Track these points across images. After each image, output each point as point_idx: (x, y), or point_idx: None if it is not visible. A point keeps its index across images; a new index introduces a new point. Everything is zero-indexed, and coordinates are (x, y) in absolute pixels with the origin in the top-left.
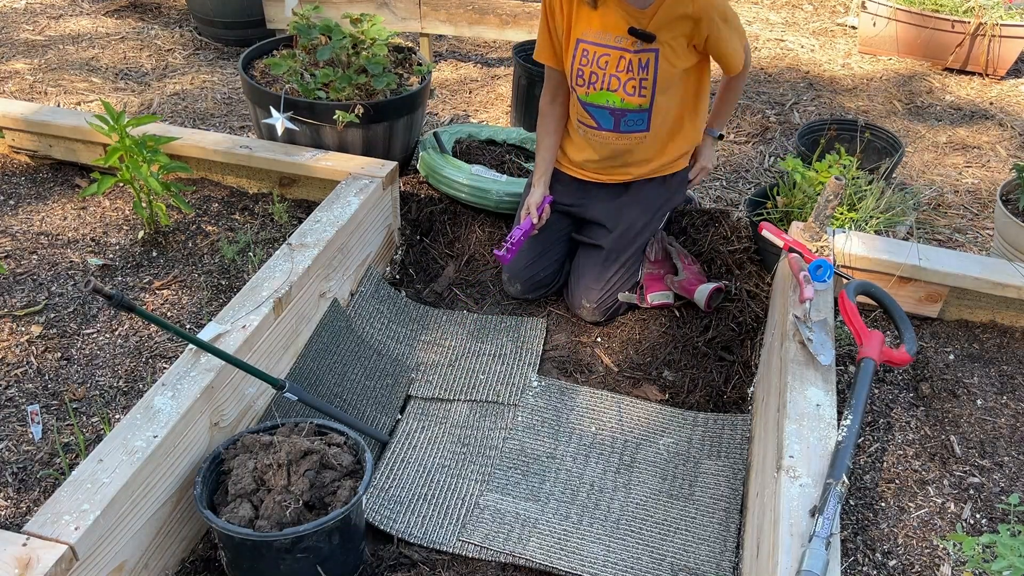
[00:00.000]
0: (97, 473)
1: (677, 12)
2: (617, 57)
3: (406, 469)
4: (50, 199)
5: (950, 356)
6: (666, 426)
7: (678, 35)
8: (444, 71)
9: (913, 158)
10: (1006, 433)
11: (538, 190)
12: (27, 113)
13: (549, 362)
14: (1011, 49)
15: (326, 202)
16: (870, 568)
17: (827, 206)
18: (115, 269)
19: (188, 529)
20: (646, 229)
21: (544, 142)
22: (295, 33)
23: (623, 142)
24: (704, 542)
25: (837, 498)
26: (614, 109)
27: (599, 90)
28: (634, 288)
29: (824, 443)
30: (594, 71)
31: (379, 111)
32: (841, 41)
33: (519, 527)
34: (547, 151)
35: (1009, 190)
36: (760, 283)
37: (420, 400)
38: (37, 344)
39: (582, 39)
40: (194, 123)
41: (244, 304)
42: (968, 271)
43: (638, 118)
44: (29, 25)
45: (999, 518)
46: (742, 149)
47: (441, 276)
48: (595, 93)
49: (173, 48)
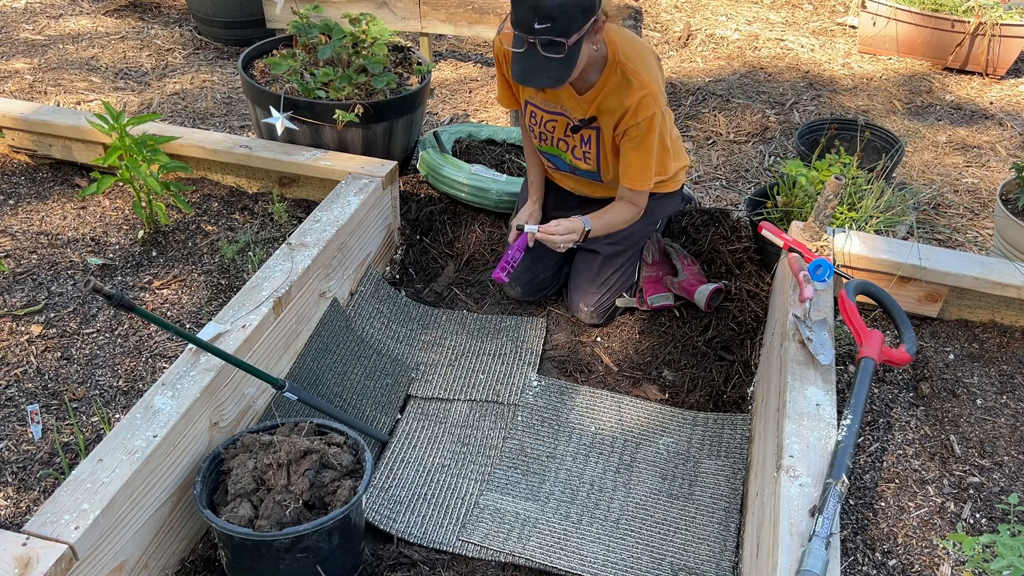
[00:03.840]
0: (97, 473)
1: (616, 99)
2: (564, 124)
3: (406, 469)
4: (50, 199)
5: (950, 356)
6: (666, 426)
7: (610, 122)
8: (444, 71)
9: (913, 158)
10: (1006, 433)
11: (528, 207)
12: (27, 112)
13: (549, 362)
14: (1011, 49)
15: (326, 202)
16: (870, 568)
17: (827, 206)
18: (115, 269)
19: (188, 529)
20: (641, 233)
21: (532, 160)
22: (295, 32)
23: (583, 183)
24: (704, 542)
25: (837, 498)
26: (567, 162)
27: (551, 146)
28: (632, 290)
29: (824, 443)
30: (543, 132)
31: (379, 111)
32: (841, 41)
33: (519, 527)
34: (536, 167)
35: (1009, 190)
36: (760, 283)
37: (420, 400)
38: (37, 344)
39: (530, 101)
40: (194, 123)
41: (244, 304)
42: (968, 271)
43: (589, 174)
44: (29, 25)
45: (999, 518)
46: (742, 149)
47: (441, 276)
48: (548, 147)
49: (173, 48)
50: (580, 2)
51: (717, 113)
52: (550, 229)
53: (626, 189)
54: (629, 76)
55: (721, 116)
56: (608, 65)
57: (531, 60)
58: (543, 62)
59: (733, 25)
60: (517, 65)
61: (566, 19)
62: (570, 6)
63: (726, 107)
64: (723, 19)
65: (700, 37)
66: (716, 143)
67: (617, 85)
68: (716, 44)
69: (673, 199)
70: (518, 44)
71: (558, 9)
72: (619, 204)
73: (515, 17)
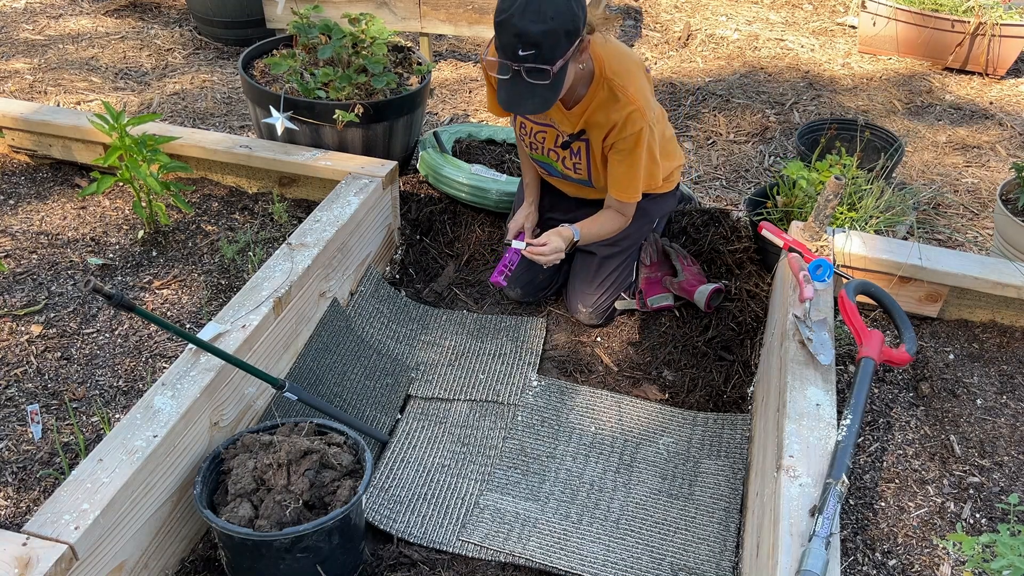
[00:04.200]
0: (97, 473)
1: (603, 115)
2: (554, 136)
3: (406, 469)
4: (50, 199)
5: (950, 356)
6: (666, 426)
7: (598, 135)
8: (444, 71)
9: (913, 158)
10: (1006, 433)
11: (524, 209)
12: (27, 112)
13: (549, 362)
14: (1011, 49)
15: (326, 202)
16: (870, 568)
17: (827, 206)
18: (115, 269)
19: (188, 529)
20: (637, 234)
21: (526, 162)
22: (295, 32)
23: (576, 187)
24: (704, 542)
25: (837, 497)
26: (558, 170)
27: (542, 155)
28: (631, 291)
29: (824, 443)
30: (533, 142)
31: (379, 110)
32: (841, 41)
33: (519, 527)
34: (531, 169)
35: (1009, 189)
36: (760, 283)
37: (420, 400)
38: (37, 344)
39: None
40: (194, 123)
41: (244, 304)
42: (968, 271)
43: (581, 180)
44: (29, 25)
45: (999, 518)
46: (742, 149)
47: (441, 276)
48: (539, 156)
49: (173, 48)
50: (564, 27)
51: (717, 113)
52: (537, 249)
53: (613, 199)
54: (616, 92)
55: (721, 116)
56: (595, 80)
57: (516, 86)
58: (528, 88)
59: (733, 25)
60: (503, 91)
61: (550, 45)
62: (554, 32)
63: (726, 107)
64: (723, 19)
65: (700, 37)
66: (716, 143)
67: (605, 100)
68: (716, 44)
69: (669, 199)
70: (503, 71)
71: (542, 36)
72: (607, 213)
73: (499, 43)
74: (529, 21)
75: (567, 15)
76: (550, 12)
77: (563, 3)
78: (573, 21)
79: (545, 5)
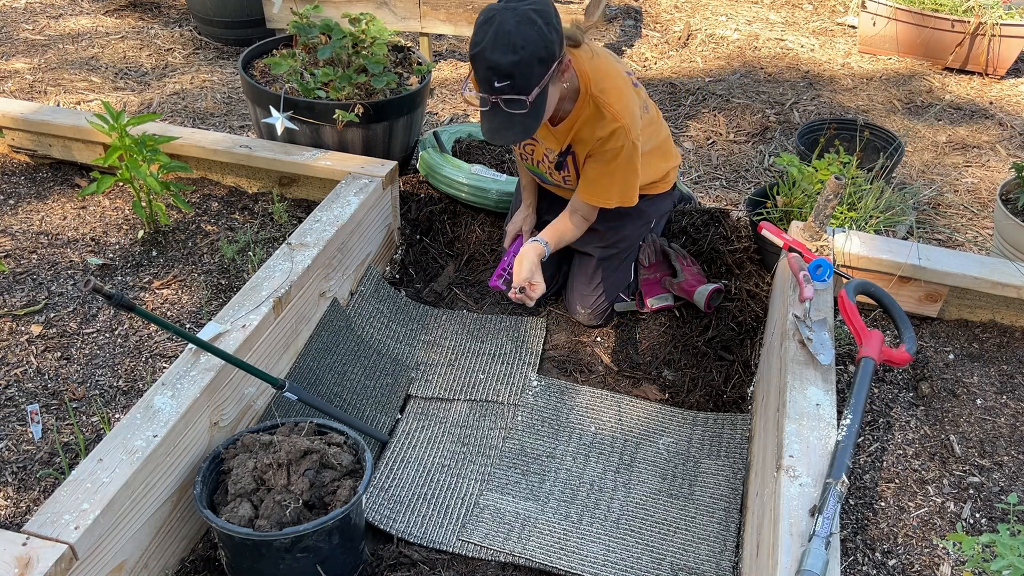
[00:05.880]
0: (97, 473)
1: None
2: (542, 150)
3: (406, 469)
4: (50, 198)
5: (950, 356)
6: (666, 426)
7: (583, 150)
8: (444, 71)
9: (913, 157)
10: (1006, 433)
11: (522, 211)
12: (27, 112)
13: (549, 362)
14: (1011, 49)
15: (326, 201)
16: (870, 567)
17: (827, 205)
18: (115, 269)
19: (188, 529)
20: (635, 235)
21: (522, 166)
22: (295, 32)
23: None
24: (704, 541)
25: (837, 497)
26: (550, 180)
27: (533, 165)
28: (630, 292)
29: (824, 443)
30: (523, 153)
31: (379, 110)
32: (841, 41)
33: (519, 526)
34: (527, 172)
35: (1009, 189)
36: (760, 283)
37: (420, 400)
38: (37, 344)
39: None
40: (194, 122)
41: (244, 304)
42: (968, 271)
43: (573, 190)
44: (29, 24)
45: (999, 518)
46: (742, 149)
47: (441, 276)
48: (531, 166)
49: (173, 47)
50: (536, 55)
51: (717, 113)
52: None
53: (581, 201)
54: (602, 109)
55: (721, 116)
56: (581, 97)
57: (496, 117)
58: (507, 118)
59: (733, 25)
60: (485, 123)
61: (524, 75)
62: (525, 62)
63: (726, 107)
64: (723, 19)
65: (700, 37)
66: (716, 143)
67: (590, 117)
68: (716, 44)
69: (666, 199)
70: (483, 104)
71: (513, 67)
72: (572, 218)
73: (476, 77)
74: (500, 53)
75: (538, 43)
76: (520, 42)
77: (533, 32)
78: (546, 47)
79: (514, 36)
